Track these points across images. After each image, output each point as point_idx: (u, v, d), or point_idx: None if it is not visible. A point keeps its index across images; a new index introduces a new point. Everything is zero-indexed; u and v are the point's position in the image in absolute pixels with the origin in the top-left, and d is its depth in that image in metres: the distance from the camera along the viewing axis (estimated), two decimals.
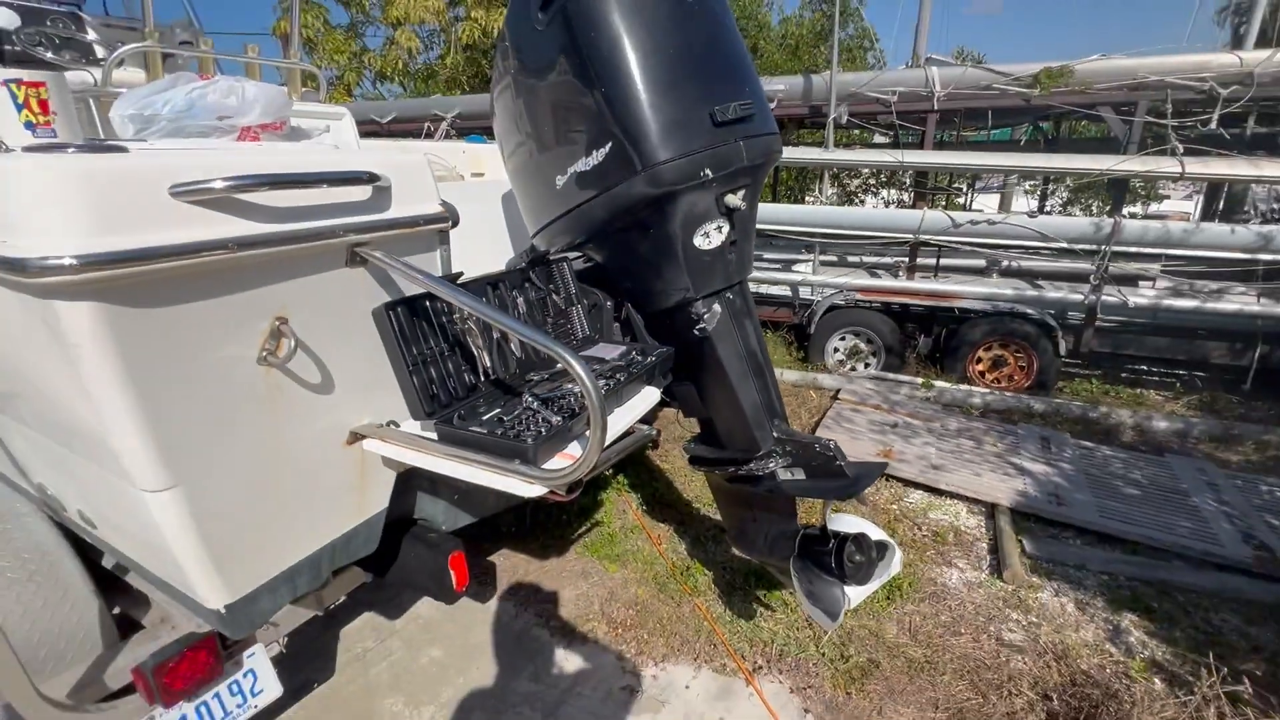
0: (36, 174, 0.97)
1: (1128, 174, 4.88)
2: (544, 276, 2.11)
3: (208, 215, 1.15)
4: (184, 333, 1.17)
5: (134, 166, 1.06)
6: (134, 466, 1.22)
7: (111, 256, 0.99)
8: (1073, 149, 7.34)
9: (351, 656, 2.88)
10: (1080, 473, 4.14)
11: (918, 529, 3.71)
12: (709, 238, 2.00)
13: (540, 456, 1.43)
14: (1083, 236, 4.93)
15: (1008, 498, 3.81)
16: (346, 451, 1.65)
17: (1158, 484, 4.01)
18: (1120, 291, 5.07)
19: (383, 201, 1.47)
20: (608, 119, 1.83)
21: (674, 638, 2.89)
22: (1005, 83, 5.13)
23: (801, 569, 2.22)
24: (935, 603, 3.09)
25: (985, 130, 7.31)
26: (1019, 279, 5.86)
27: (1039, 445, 4.53)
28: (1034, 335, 5.31)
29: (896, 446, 4.46)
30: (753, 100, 1.91)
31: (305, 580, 1.70)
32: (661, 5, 1.81)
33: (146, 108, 1.41)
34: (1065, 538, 3.58)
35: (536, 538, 3.64)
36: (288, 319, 1.35)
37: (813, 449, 2.14)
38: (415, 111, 7.80)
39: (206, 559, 1.40)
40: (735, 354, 2.18)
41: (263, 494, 1.47)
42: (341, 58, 11.79)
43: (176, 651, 1.96)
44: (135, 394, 1.13)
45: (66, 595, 2.22)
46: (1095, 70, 4.96)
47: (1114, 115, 5.00)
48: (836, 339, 6.05)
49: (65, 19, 3.70)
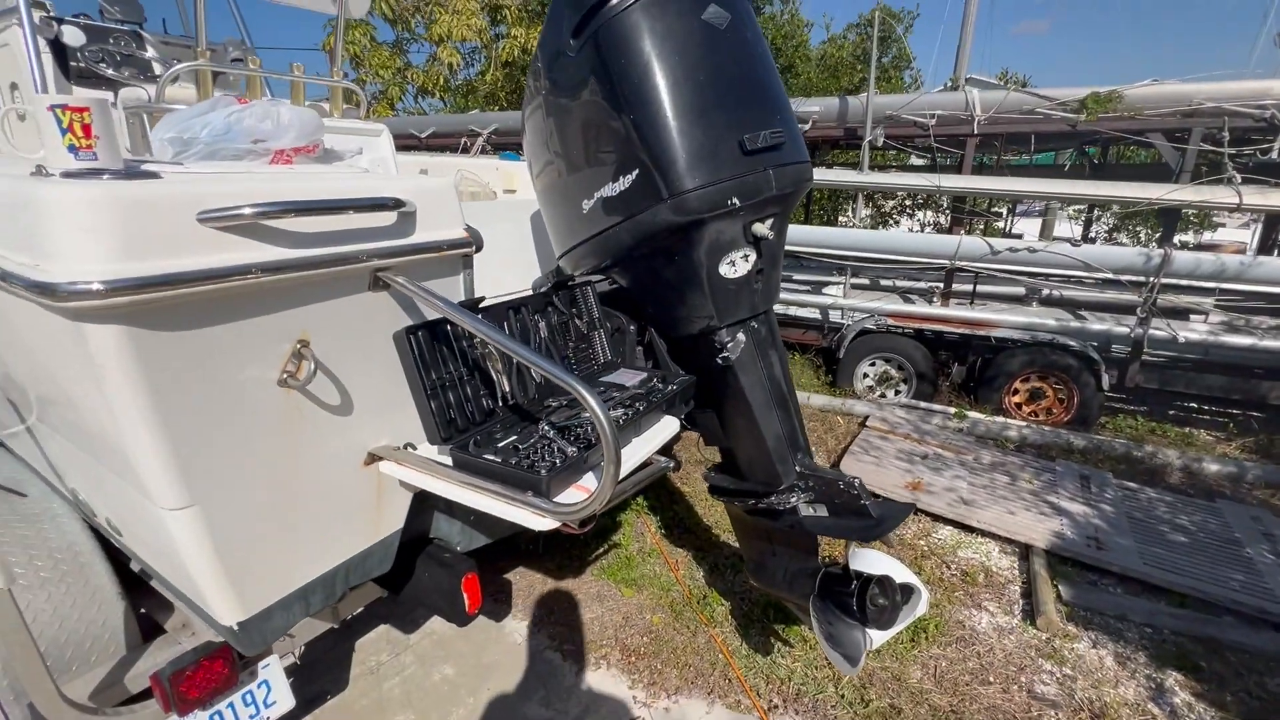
0: (68, 200, 1.00)
1: (1180, 204, 4.69)
2: (567, 300, 2.11)
3: (234, 240, 1.17)
4: (206, 355, 1.19)
5: (163, 193, 1.08)
6: (153, 484, 1.24)
7: (137, 282, 1.01)
8: (1121, 175, 7.10)
9: (365, 669, 2.89)
10: (1123, 515, 3.94)
11: (946, 567, 3.57)
12: (735, 266, 1.97)
13: (553, 489, 1.41)
14: (1129, 267, 4.74)
15: (1043, 539, 3.65)
16: (364, 472, 1.66)
17: (1208, 531, 3.79)
18: (1169, 325, 4.85)
19: (407, 226, 1.48)
20: (636, 145, 1.82)
21: (688, 669, 2.82)
22: (1049, 107, 4.99)
23: (822, 609, 2.15)
24: (963, 647, 2.96)
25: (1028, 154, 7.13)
26: (1060, 308, 5.66)
27: (1078, 484, 4.33)
28: (1075, 368, 5.11)
29: (925, 479, 4.32)
30: (784, 129, 1.88)
31: (319, 598, 1.71)
32: (693, 34, 1.80)
33: (186, 130, 1.45)
34: (1105, 585, 3.41)
35: (553, 557, 3.61)
36: (309, 342, 1.36)
37: (836, 485, 2.08)
38: (453, 126, 7.97)
39: (221, 577, 1.41)
40: (759, 384, 2.13)
41: (279, 514, 1.48)
42: (386, 73, 12.15)
43: (193, 660, 1.98)
44: (156, 415, 1.15)
45: (95, 597, 2.28)
46: (1146, 95, 4.79)
47: (1165, 142, 4.81)
48: (867, 364, 5.92)
49: (127, 37, 3.88)
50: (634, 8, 1.77)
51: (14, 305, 1.31)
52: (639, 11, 1.77)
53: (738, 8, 1.88)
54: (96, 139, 1.29)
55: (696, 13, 1.80)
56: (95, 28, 3.50)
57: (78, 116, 1.26)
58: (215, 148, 1.46)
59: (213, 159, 1.47)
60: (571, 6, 1.85)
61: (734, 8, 1.87)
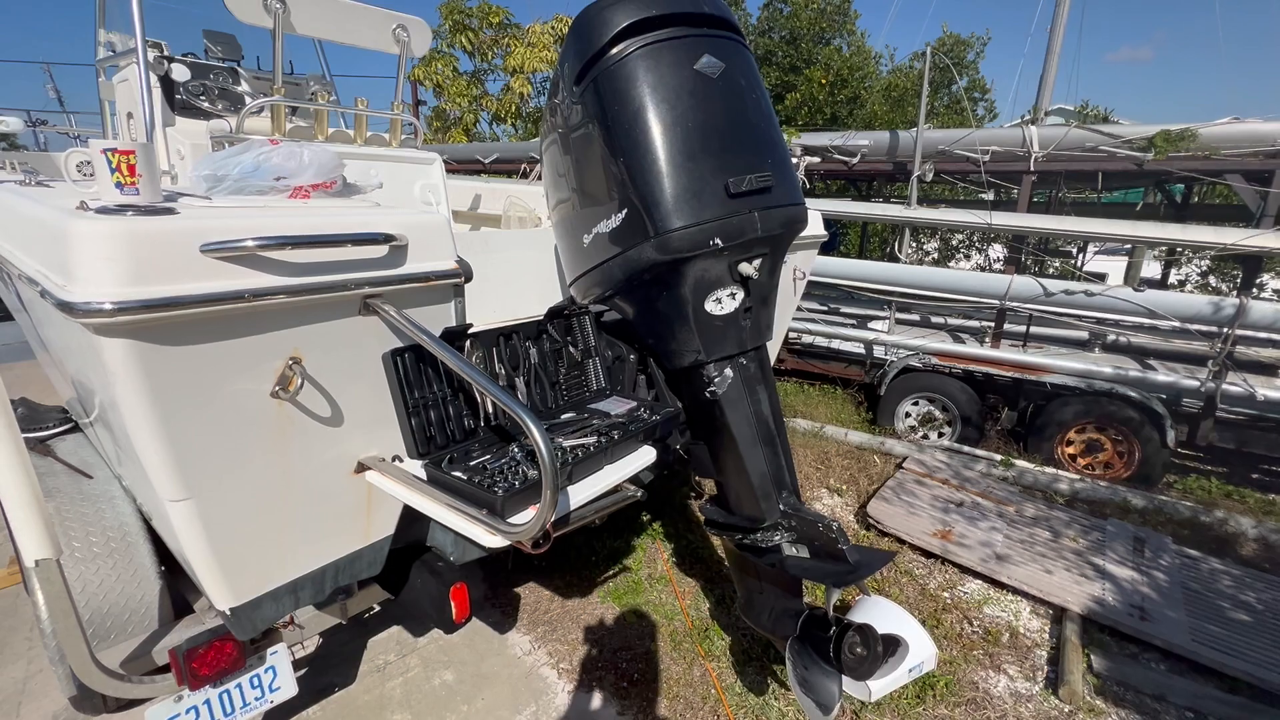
0: (91, 233, 1.19)
1: (1262, 250, 4.33)
2: (563, 329, 2.21)
3: (234, 269, 1.34)
4: (203, 368, 1.36)
5: (171, 228, 1.27)
6: (156, 477, 1.41)
7: (142, 303, 1.19)
8: (1205, 216, 6.60)
9: (373, 667, 3.04)
10: (1177, 586, 3.62)
11: (968, 623, 3.40)
12: (721, 304, 2.01)
13: (508, 509, 1.49)
14: (1199, 316, 4.39)
15: (1080, 603, 3.41)
16: (354, 480, 1.80)
17: (1275, 612, 3.43)
18: (1246, 380, 4.45)
19: (398, 258, 1.62)
20: (628, 185, 1.92)
21: (678, 700, 2.82)
22: (1115, 145, 4.75)
23: (798, 652, 2.11)
24: (972, 710, 2.81)
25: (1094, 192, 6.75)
26: (1127, 355, 5.30)
27: (1130, 546, 4.02)
28: (1137, 421, 4.75)
29: (958, 528, 4.13)
30: (773, 172, 1.93)
31: (308, 593, 1.85)
32: (685, 82, 1.88)
33: (220, 169, 1.67)
34: (1146, 659, 3.14)
35: (563, 575, 3.69)
36: (301, 359, 1.51)
37: (816, 527, 2.06)
38: (515, 153, 8.38)
39: (215, 565, 1.57)
40: (745, 420, 2.15)
41: (270, 512, 1.63)
42: (464, 100, 12.93)
43: (206, 640, 2.18)
44: (158, 417, 1.32)
45: (137, 574, 2.53)
46: (1224, 134, 4.47)
47: (1244, 184, 4.47)
48: (909, 403, 5.73)
49: (225, 73, 4.35)
50: (630, 57, 1.88)
51: (56, 316, 1.53)
52: (634, 61, 1.88)
53: (733, 55, 1.96)
54: (139, 177, 1.50)
55: (689, 63, 1.89)
56: (199, 65, 3.97)
57: (124, 158, 1.47)
58: (242, 184, 1.67)
59: (239, 194, 1.67)
60: (575, 55, 1.98)
61: (729, 56, 1.95)
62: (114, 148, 1.45)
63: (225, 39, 4.95)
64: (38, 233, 1.43)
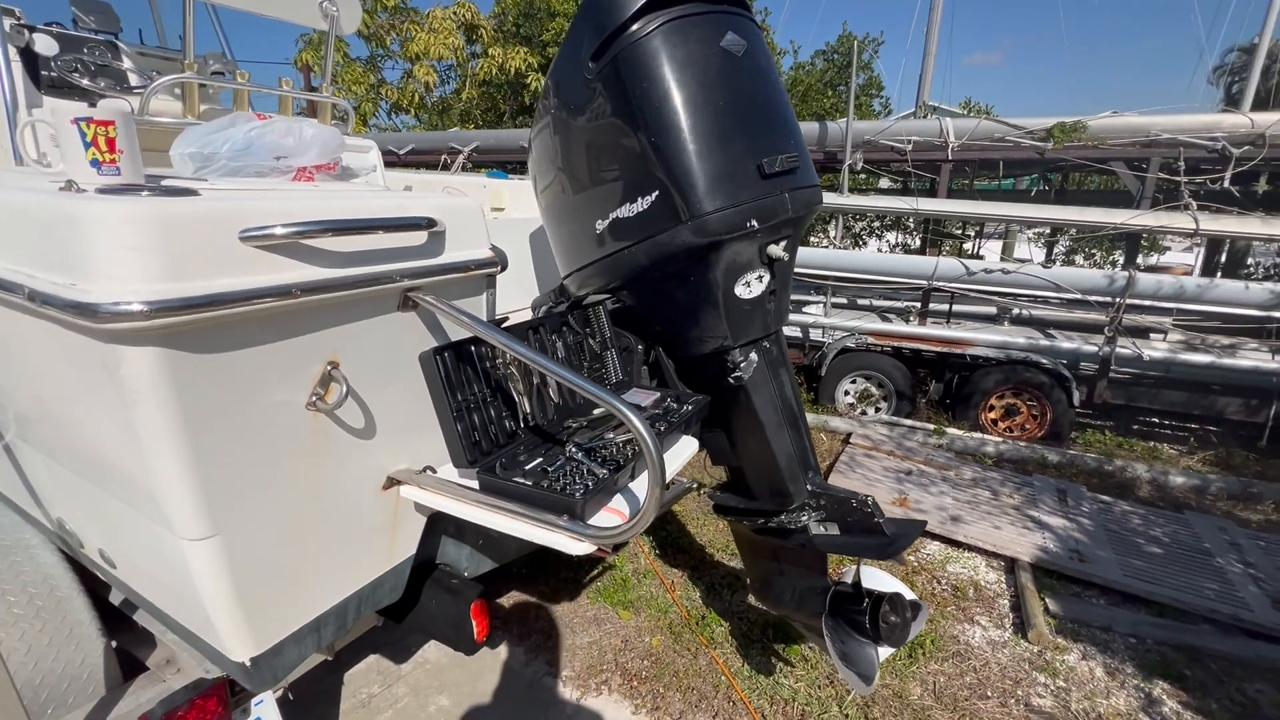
0: (112, 218, 0.95)
1: (1143, 228, 4.94)
2: (580, 320, 2.10)
3: (272, 260, 1.13)
4: (240, 379, 1.14)
5: (205, 211, 1.05)
6: (176, 514, 1.17)
7: (182, 303, 0.97)
8: (1081, 201, 7.45)
9: (356, 703, 2.77)
10: (1100, 528, 4.07)
11: (937, 582, 3.63)
12: (750, 287, 1.99)
13: (587, 511, 1.39)
14: (1096, 288, 4.96)
15: (1028, 553, 3.74)
16: (382, 496, 1.61)
17: (1180, 543, 3.94)
18: (1134, 344, 5.08)
19: (437, 246, 1.45)
20: (655, 167, 1.83)
21: (691, 692, 2.79)
22: (1019, 135, 5.23)
23: (834, 628, 2.15)
24: (959, 663, 3.00)
25: (996, 180, 7.44)
26: (1031, 328, 5.88)
27: (1056, 498, 4.47)
28: (1048, 385, 5.29)
29: (912, 495, 4.40)
30: (797, 153, 1.92)
31: (331, 630, 1.64)
32: (712, 60, 1.83)
33: (207, 146, 1.41)
34: (1089, 596, 3.50)
35: (548, 581, 3.55)
36: (339, 363, 1.32)
37: (849, 504, 2.10)
38: (433, 144, 7.93)
39: (238, 611, 1.34)
40: (770, 404, 2.14)
41: (298, 541, 1.42)
42: (360, 89, 12.04)
43: (185, 699, 1.89)
44: (187, 442, 1.09)
45: (72, 634, 2.14)
46: (1108, 126, 5.06)
47: (1126, 170, 5.08)
48: (847, 382, 6.03)
49: (102, 47, 3.76)
50: (654, 33, 1.80)
51: (21, 326, 1.24)
52: (659, 38, 1.80)
53: (752, 35, 1.93)
54: (120, 153, 1.24)
55: (715, 40, 1.84)
56: (69, 37, 3.37)
57: (102, 130, 1.21)
58: (237, 164, 1.42)
59: (236, 175, 1.43)
60: (593, 31, 1.86)
61: (749, 35, 1.91)
62: (88, 117, 1.19)
63: (99, 8, 4.25)
64: (15, 222, 1.13)
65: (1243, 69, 13.03)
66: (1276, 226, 4.73)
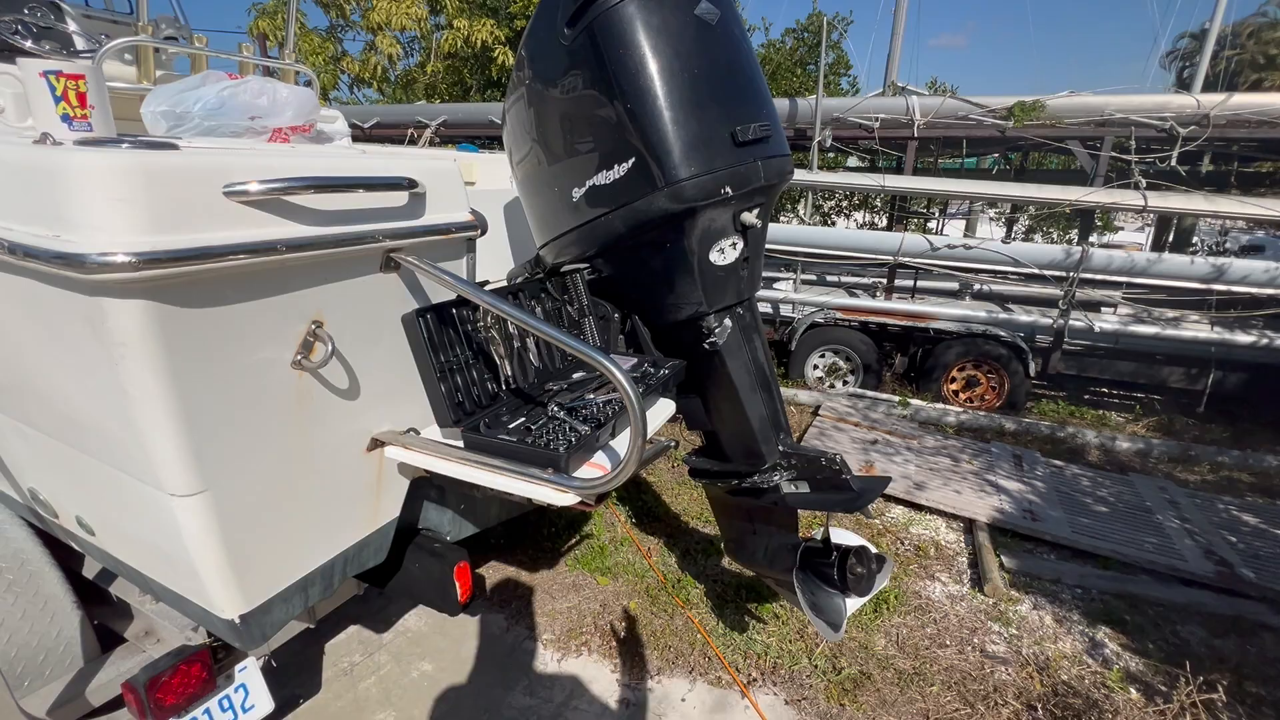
0: (97, 169, 0.95)
1: (1097, 205, 5.15)
2: (559, 288, 2.13)
3: (256, 215, 1.14)
4: (225, 334, 1.15)
5: (189, 164, 1.05)
6: (165, 470, 1.19)
7: (169, 255, 0.98)
8: (1038, 179, 7.70)
9: (338, 671, 2.81)
10: (1052, 490, 4.30)
11: (900, 543, 3.80)
12: (724, 254, 2.04)
13: (572, 465, 1.44)
14: (1054, 263, 5.17)
15: (985, 514, 3.94)
16: (366, 458, 1.63)
17: (1124, 501, 4.20)
18: (1086, 317, 5.32)
19: (418, 208, 1.47)
20: (631, 135, 1.86)
21: (668, 650, 2.89)
22: (981, 114, 5.37)
23: (804, 581, 2.26)
24: (920, 615, 3.17)
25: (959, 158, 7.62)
26: (990, 302, 6.09)
27: (1012, 463, 4.69)
28: (1006, 357, 5.52)
29: (878, 464, 4.57)
30: (770, 122, 1.97)
31: (317, 590, 1.66)
32: (687, 28, 1.85)
33: (179, 104, 1.39)
34: (1040, 553, 3.72)
35: (526, 550, 3.61)
36: (323, 322, 1.33)
37: (818, 463, 2.19)
38: (399, 117, 7.74)
39: (226, 567, 1.36)
40: (744, 368, 2.22)
41: (284, 500, 1.44)
42: (318, 59, 11.62)
43: (169, 665, 1.89)
44: (176, 396, 1.10)
45: (46, 607, 2.13)
46: (1065, 106, 5.23)
47: (1082, 149, 5.27)
48: (816, 356, 6.17)
49: (44, 8, 3.58)
50: (631, 0, 1.81)
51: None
52: (635, 4, 1.81)
53: (725, 5, 1.96)
54: (91, 108, 1.23)
55: (690, 8, 1.86)
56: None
57: (73, 84, 1.20)
58: (211, 124, 1.40)
59: (210, 135, 1.41)
60: None
61: (722, 4, 1.94)
62: (58, 70, 1.18)
63: None
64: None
65: (1193, 54, 13.50)
66: (1219, 203, 4.99)
